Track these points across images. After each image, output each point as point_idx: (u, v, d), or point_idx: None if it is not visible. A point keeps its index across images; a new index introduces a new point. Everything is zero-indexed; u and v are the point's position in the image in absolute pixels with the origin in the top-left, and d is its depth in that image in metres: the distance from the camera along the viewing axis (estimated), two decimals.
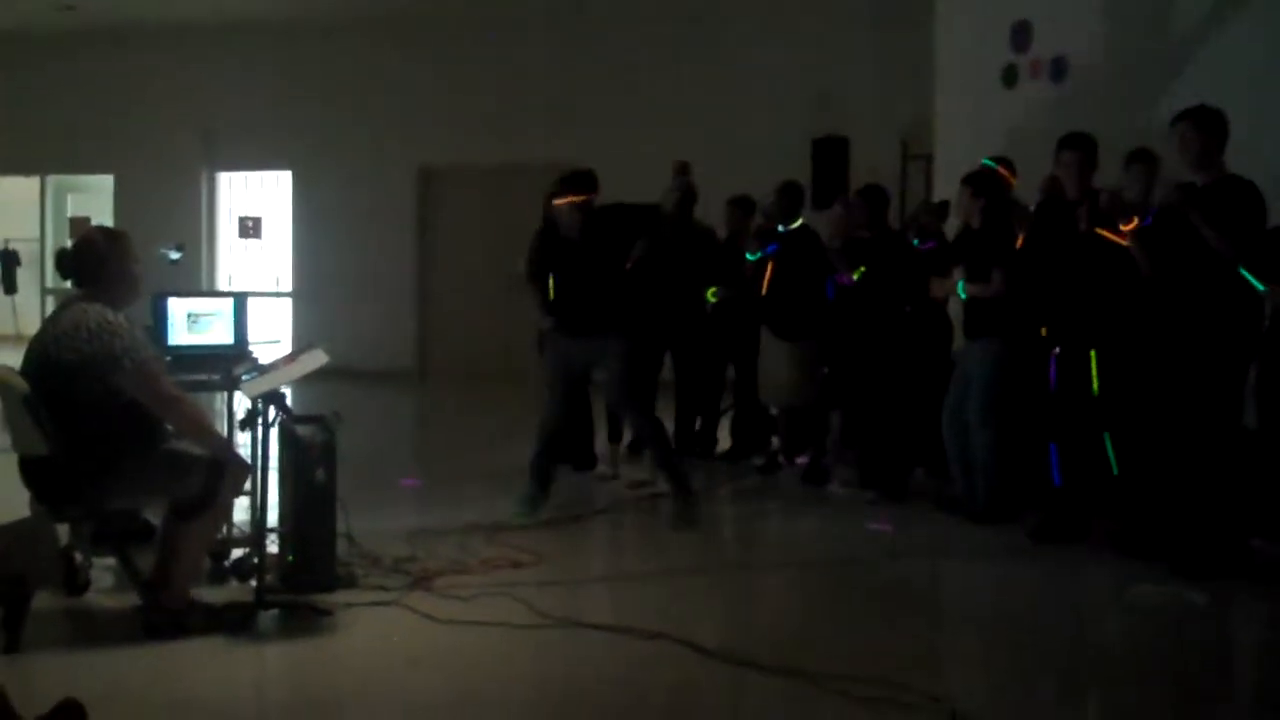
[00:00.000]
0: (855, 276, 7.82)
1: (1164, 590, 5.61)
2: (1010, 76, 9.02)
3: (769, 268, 8.23)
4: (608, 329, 6.94)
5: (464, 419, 12.07)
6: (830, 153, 11.07)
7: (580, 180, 7.00)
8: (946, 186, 8.34)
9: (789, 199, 8.35)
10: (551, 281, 7.27)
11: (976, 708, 4.26)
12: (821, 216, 9.01)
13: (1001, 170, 7.26)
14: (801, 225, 8.34)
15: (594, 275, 6.99)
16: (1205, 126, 5.88)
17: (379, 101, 14.75)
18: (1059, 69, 8.58)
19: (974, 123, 9.18)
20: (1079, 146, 6.55)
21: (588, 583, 5.89)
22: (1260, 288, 5.78)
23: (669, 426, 7.81)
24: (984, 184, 7.10)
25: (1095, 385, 6.39)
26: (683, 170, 9.13)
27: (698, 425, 9.01)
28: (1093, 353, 6.41)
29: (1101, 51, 8.28)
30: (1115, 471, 6.38)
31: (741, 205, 9.03)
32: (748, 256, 8.42)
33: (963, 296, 7.07)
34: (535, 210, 7.95)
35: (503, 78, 14.28)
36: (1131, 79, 7.97)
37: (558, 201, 7.02)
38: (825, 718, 4.26)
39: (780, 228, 8.35)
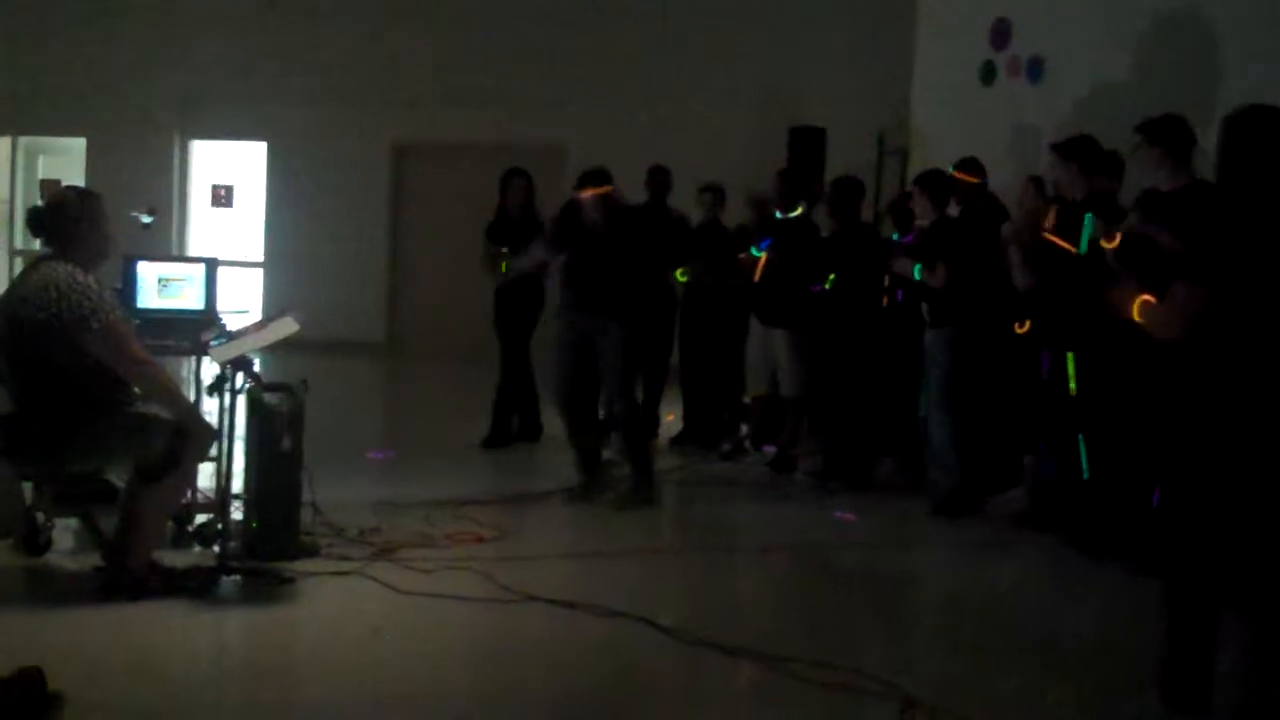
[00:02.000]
0: (826, 285, 7.93)
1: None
2: (988, 74, 9.07)
3: (763, 257, 8.24)
4: (613, 313, 7.04)
5: (432, 393, 12.09)
6: (807, 143, 11.07)
7: (600, 175, 7.16)
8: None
9: (789, 185, 8.33)
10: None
11: (929, 693, 4.30)
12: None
13: (957, 174, 7.39)
14: (801, 214, 8.30)
15: (611, 259, 7.09)
16: (1160, 138, 5.95)
17: (355, 76, 14.66)
18: (1036, 68, 8.63)
19: (950, 118, 9.23)
20: (1075, 155, 6.60)
21: (550, 559, 5.91)
22: None
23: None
24: (930, 183, 7.31)
25: (1073, 386, 6.45)
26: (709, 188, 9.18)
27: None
28: (1070, 355, 6.47)
29: (1079, 52, 8.33)
30: (1085, 475, 6.41)
31: (714, 192, 9.05)
32: (753, 252, 8.37)
33: (917, 278, 7.23)
34: None
35: (480, 57, 14.22)
36: (1109, 79, 8.03)
37: (585, 194, 7.11)
38: (781, 700, 4.30)
39: (778, 215, 8.36)
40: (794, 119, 11.40)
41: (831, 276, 7.87)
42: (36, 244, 5.15)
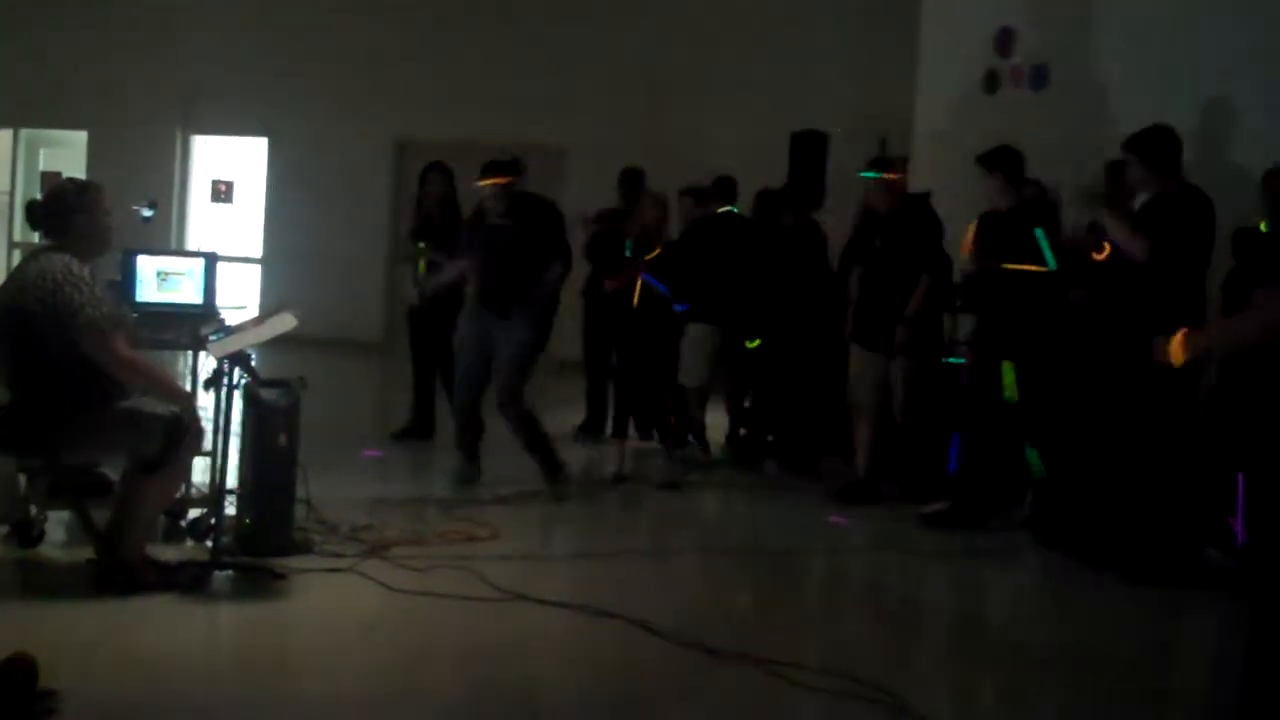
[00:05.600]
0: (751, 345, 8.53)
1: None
2: (991, 82, 9.07)
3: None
4: (514, 312, 7.06)
5: None
6: (809, 148, 11.06)
7: (505, 165, 7.22)
8: (922, 187, 8.38)
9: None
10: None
11: (922, 699, 4.29)
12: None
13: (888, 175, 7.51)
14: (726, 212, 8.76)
15: (513, 256, 7.11)
16: (1145, 152, 6.04)
17: (357, 73, 14.67)
18: (1040, 77, 8.63)
19: (953, 126, 9.22)
20: (1000, 165, 6.85)
21: (542, 559, 5.91)
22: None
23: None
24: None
25: (1014, 394, 6.66)
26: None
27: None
28: (1007, 364, 6.67)
29: (1083, 61, 8.33)
30: (1037, 474, 6.67)
31: (694, 195, 9.04)
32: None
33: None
34: None
35: (482, 55, 14.23)
36: (1112, 89, 8.03)
37: (481, 182, 7.16)
38: (773, 702, 4.30)
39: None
40: (796, 123, 11.39)
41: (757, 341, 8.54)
42: (36, 236, 5.13)
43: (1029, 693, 4.68)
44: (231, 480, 5.64)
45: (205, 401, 5.30)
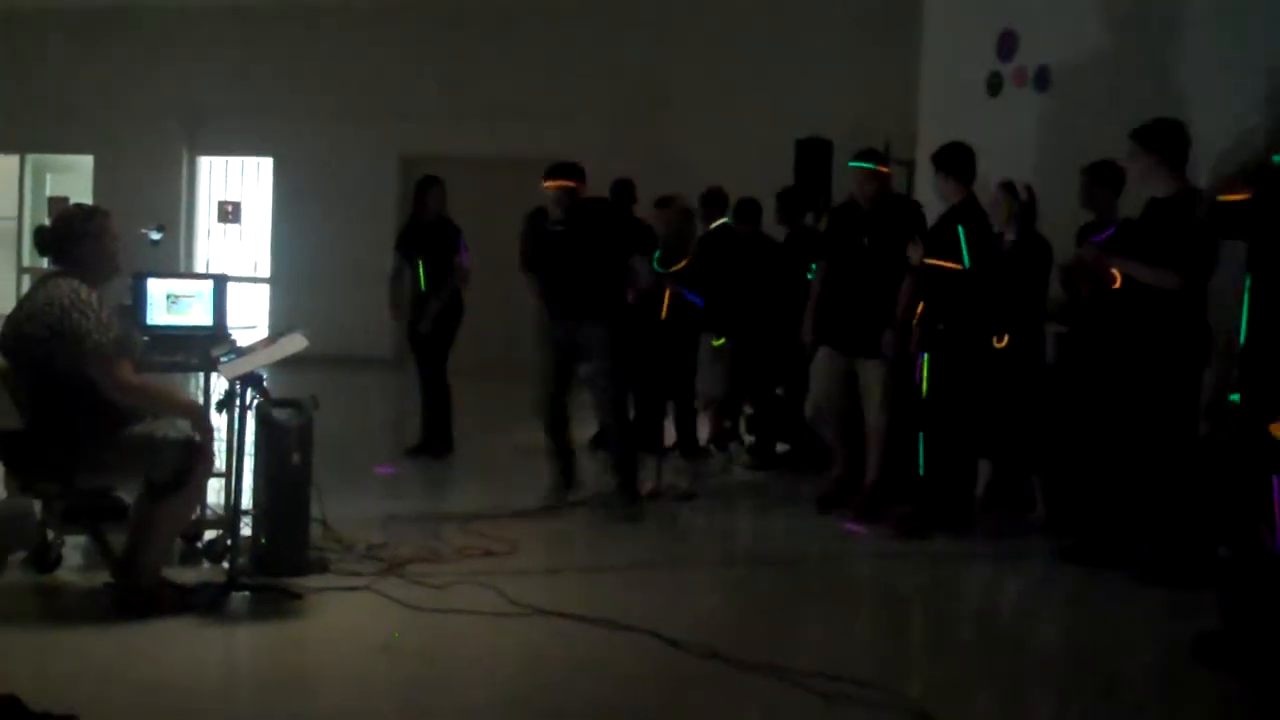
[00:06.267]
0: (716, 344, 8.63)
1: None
2: (994, 85, 9.05)
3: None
4: (590, 316, 7.01)
5: None
6: (814, 155, 11.05)
7: (567, 168, 7.11)
8: (928, 192, 8.37)
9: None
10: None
11: (940, 707, 4.29)
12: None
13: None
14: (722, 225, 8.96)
15: (580, 262, 7.04)
16: (1152, 143, 5.98)
17: (362, 91, 14.69)
18: (1043, 79, 8.61)
19: (957, 129, 9.16)
20: (948, 165, 7.00)
21: (559, 573, 5.90)
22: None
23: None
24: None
25: (924, 388, 6.82)
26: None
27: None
28: (925, 358, 6.80)
29: (1086, 62, 8.31)
30: (921, 472, 6.83)
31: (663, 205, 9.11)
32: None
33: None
34: (516, 203, 8.01)
35: (485, 69, 14.26)
36: (1116, 90, 8.01)
37: (547, 184, 7.07)
38: (795, 714, 4.29)
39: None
40: (800, 131, 11.39)
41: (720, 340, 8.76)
42: (44, 262, 5.14)
43: (1048, 697, 4.67)
44: (246, 501, 5.64)
45: (218, 423, 5.31)
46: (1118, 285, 6.08)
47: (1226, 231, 5.60)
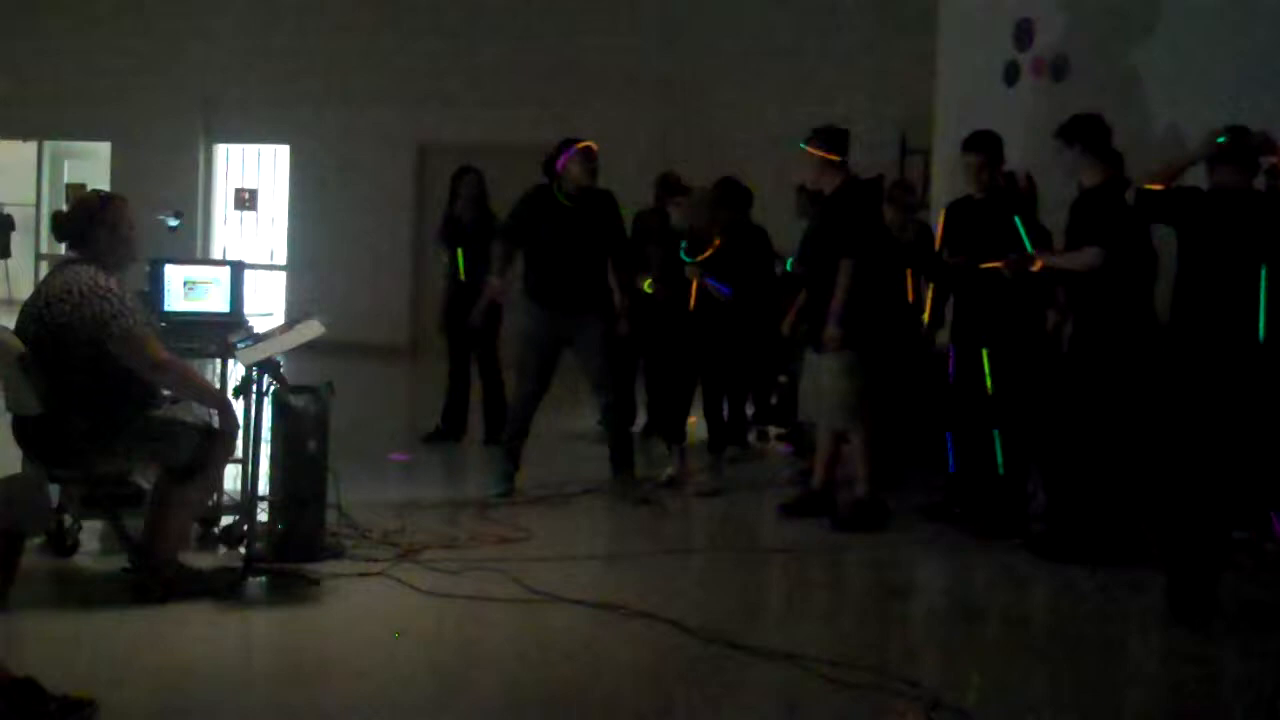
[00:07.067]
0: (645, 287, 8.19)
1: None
2: (1011, 74, 9.02)
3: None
4: (587, 309, 6.98)
5: None
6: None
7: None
8: (945, 181, 8.38)
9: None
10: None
11: (955, 695, 4.29)
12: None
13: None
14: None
15: (584, 249, 7.00)
16: (1073, 136, 6.15)
17: (379, 77, 14.70)
18: (1060, 68, 8.58)
19: (973, 119, 9.16)
20: (981, 148, 6.78)
21: (576, 560, 5.91)
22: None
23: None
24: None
25: (990, 383, 6.58)
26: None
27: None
28: (985, 352, 6.59)
29: (1103, 51, 8.29)
30: (1001, 470, 6.58)
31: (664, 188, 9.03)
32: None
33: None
34: None
35: (502, 56, 14.24)
36: (1132, 79, 7.99)
37: (578, 145, 7.14)
38: (809, 701, 4.30)
39: None
40: (817, 119, 11.37)
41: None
42: (62, 248, 5.17)
43: (1065, 685, 4.67)
44: (263, 487, 5.67)
45: (235, 409, 5.32)
46: (1037, 267, 6.31)
47: (1151, 216, 5.80)
